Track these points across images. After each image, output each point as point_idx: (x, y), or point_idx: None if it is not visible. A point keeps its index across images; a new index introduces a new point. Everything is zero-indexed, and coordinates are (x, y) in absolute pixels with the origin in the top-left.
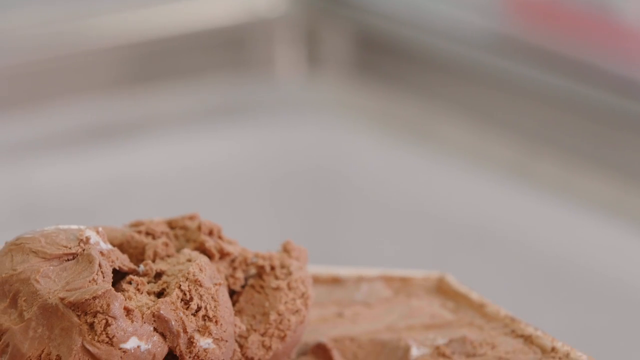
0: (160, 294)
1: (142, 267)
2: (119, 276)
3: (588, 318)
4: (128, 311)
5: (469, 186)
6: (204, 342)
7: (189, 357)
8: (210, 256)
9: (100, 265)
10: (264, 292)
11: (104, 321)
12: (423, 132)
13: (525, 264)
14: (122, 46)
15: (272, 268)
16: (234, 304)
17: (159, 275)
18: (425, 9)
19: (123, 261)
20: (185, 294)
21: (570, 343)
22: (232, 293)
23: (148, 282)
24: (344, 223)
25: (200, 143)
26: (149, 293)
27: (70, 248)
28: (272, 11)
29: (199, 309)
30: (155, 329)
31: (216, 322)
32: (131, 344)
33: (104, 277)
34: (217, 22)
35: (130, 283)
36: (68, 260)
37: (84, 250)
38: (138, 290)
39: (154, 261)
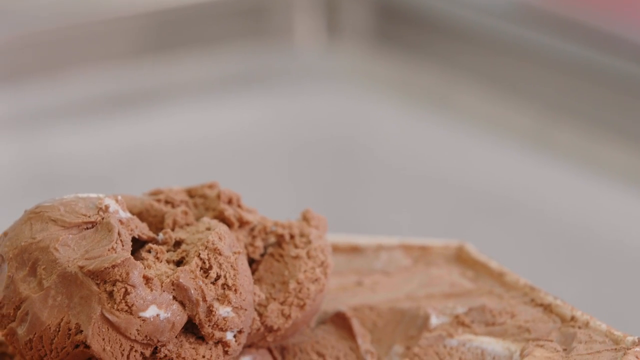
0: (179, 263)
1: (161, 236)
2: (138, 245)
3: (608, 287)
4: (147, 280)
5: (488, 155)
6: (223, 311)
7: (208, 326)
8: (229, 225)
9: (119, 234)
10: (283, 260)
11: (123, 290)
12: (442, 100)
13: (544, 233)
14: (142, 14)
15: (292, 237)
16: (253, 272)
17: (178, 243)
18: None
19: (142, 230)
20: (204, 263)
21: (590, 312)
22: (252, 262)
23: (167, 251)
24: (363, 192)
25: (219, 111)
26: (168, 262)
27: (89, 216)
28: None
29: (218, 277)
30: (174, 298)
31: (235, 290)
32: (150, 312)
33: (123, 246)
34: None
35: (149, 252)
36: (87, 228)
37: (103, 218)
38: (157, 258)
39: (173, 230)
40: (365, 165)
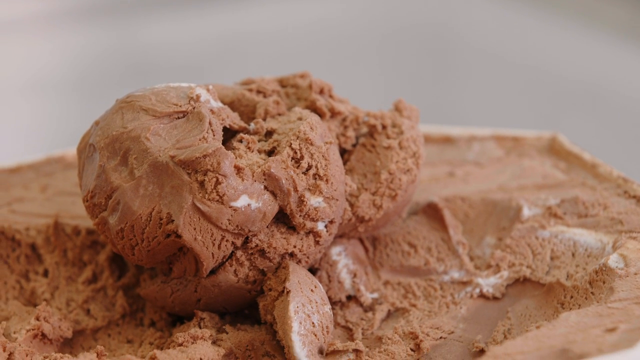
0: (270, 153)
1: (252, 126)
2: (229, 134)
3: None
4: (238, 169)
5: (583, 46)
6: (314, 201)
7: (300, 216)
8: (321, 115)
9: (210, 123)
10: (375, 151)
11: (214, 179)
12: None
13: (638, 124)
14: None
15: (384, 127)
16: (344, 162)
17: (269, 133)
18: None
19: (233, 119)
20: (296, 153)
21: None
22: (343, 152)
23: (259, 141)
24: (455, 81)
25: (310, 0)
26: (259, 151)
27: (180, 106)
28: None
29: (309, 167)
30: (265, 188)
31: (327, 180)
32: (242, 202)
33: (214, 135)
34: None
35: (240, 141)
36: (178, 118)
37: (194, 108)
38: (249, 148)
39: (264, 119)
40: (458, 54)
